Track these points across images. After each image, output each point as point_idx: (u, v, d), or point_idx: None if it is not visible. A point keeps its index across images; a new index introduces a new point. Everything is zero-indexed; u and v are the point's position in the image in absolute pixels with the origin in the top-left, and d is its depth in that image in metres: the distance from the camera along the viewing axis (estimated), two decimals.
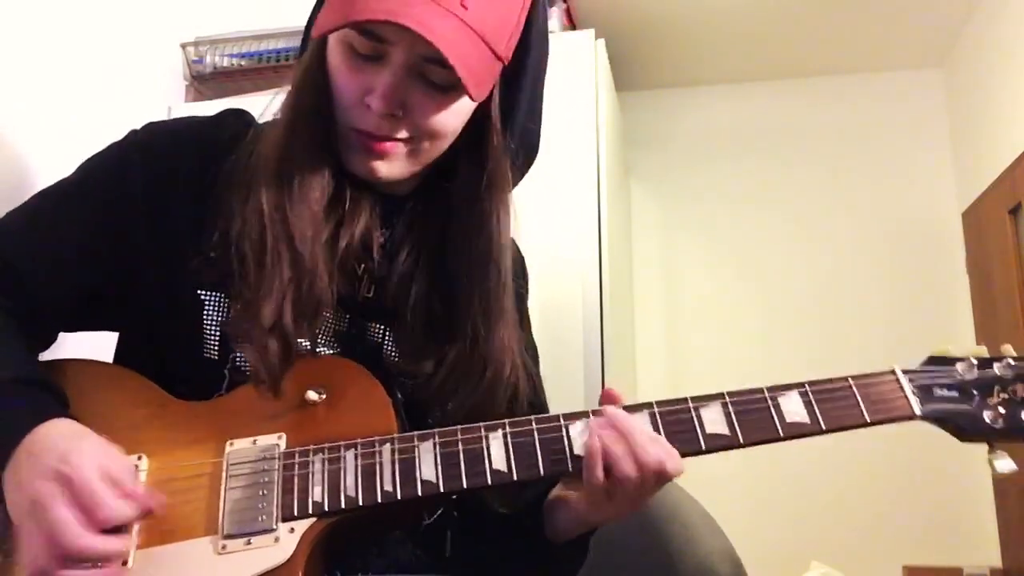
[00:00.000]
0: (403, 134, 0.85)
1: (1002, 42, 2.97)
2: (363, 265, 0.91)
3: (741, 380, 3.15)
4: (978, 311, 3.22)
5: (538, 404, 1.01)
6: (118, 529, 0.74)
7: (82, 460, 0.73)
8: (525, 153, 0.97)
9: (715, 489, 1.41)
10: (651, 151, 3.67)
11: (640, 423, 0.81)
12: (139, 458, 0.81)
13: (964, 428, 0.84)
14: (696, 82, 3.69)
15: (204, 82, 2.26)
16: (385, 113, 0.82)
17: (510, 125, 0.92)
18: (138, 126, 0.95)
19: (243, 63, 2.26)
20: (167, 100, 2.11)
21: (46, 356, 0.92)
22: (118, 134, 0.95)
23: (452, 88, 0.83)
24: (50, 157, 1.46)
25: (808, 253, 3.47)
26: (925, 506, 3.12)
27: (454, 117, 0.87)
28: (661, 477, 0.79)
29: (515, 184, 0.95)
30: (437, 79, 0.83)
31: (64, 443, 0.74)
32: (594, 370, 2.10)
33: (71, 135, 1.56)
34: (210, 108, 0.98)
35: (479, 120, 0.90)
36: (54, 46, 1.58)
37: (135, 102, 1.89)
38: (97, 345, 0.96)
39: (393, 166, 0.87)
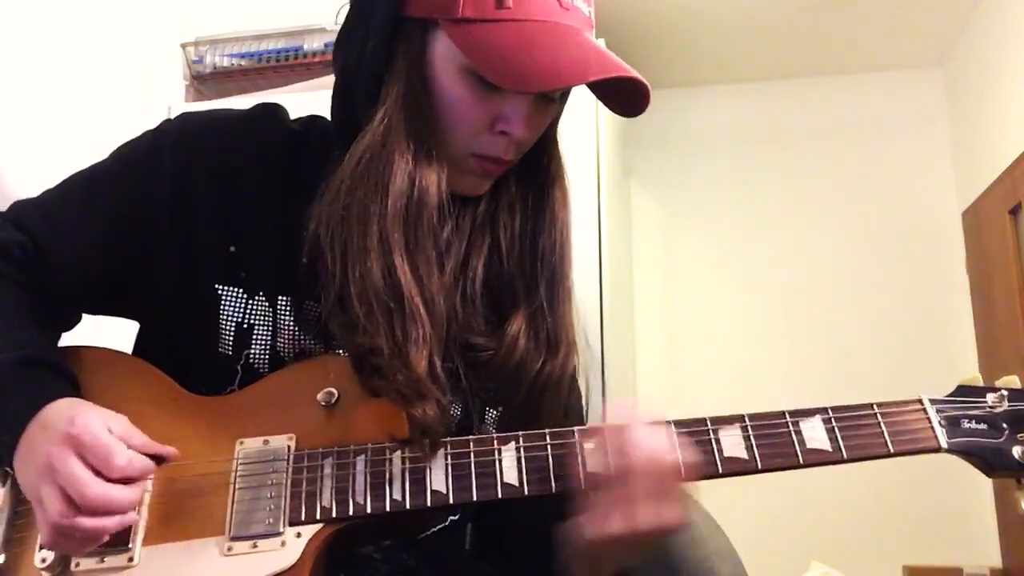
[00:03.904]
0: (519, 154, 0.87)
1: (1002, 42, 2.97)
2: None
3: (741, 380, 3.16)
4: (978, 311, 3.22)
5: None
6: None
7: (88, 419, 0.75)
8: None
9: (715, 489, 1.40)
10: (651, 151, 3.67)
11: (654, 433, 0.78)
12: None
13: (992, 463, 0.81)
14: (696, 82, 3.69)
15: (204, 82, 2.26)
16: (521, 139, 0.83)
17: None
18: (143, 122, 0.95)
19: (243, 63, 2.27)
20: (167, 100, 2.11)
21: (66, 338, 0.93)
22: (119, 133, 0.95)
23: (556, 100, 0.87)
24: (51, 156, 1.46)
25: (808, 253, 3.47)
26: (925, 506, 3.12)
27: (547, 124, 0.89)
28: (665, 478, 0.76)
29: None
30: (553, 95, 0.85)
31: (70, 411, 0.76)
32: (594, 370, 2.10)
33: (72, 134, 1.56)
34: (210, 108, 0.98)
35: None
36: (55, 46, 1.58)
37: (135, 102, 1.89)
38: (116, 334, 0.97)
39: (493, 180, 0.89)
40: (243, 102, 1.02)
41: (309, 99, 0.99)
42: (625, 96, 0.83)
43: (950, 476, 3.09)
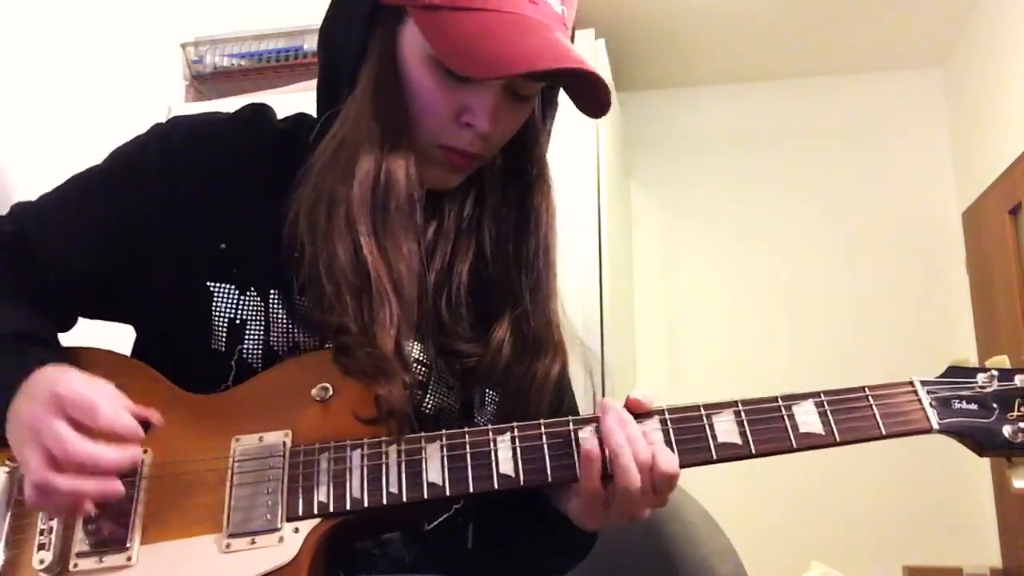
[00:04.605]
0: (486, 150, 0.87)
1: (1002, 42, 2.97)
2: None
3: (741, 380, 3.17)
4: (978, 311, 3.22)
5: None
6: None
7: (72, 378, 0.75)
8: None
9: (715, 489, 1.41)
10: (651, 151, 3.67)
11: (645, 426, 0.80)
12: (144, 451, 0.81)
13: (983, 443, 0.82)
14: (696, 82, 3.69)
15: (204, 82, 2.26)
16: (485, 131, 0.83)
17: (550, 109, 0.94)
18: (143, 122, 0.96)
19: (243, 63, 2.27)
20: (167, 100, 2.11)
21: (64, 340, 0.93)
22: (119, 134, 0.96)
23: (529, 98, 0.87)
24: (51, 156, 1.46)
25: (808, 252, 3.47)
26: (925, 506, 3.12)
27: (521, 123, 0.89)
28: (656, 477, 0.77)
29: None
30: (524, 92, 0.85)
31: (55, 374, 0.76)
32: (594, 369, 2.10)
33: (72, 134, 1.56)
34: (210, 108, 0.99)
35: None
36: (55, 46, 1.58)
37: (135, 102, 1.89)
38: (116, 336, 0.97)
39: (464, 175, 0.90)
40: (243, 102, 1.02)
41: (309, 99, 0.99)
42: (589, 94, 0.83)
43: (950, 476, 3.10)
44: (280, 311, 0.88)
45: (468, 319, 0.91)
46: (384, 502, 0.78)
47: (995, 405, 0.83)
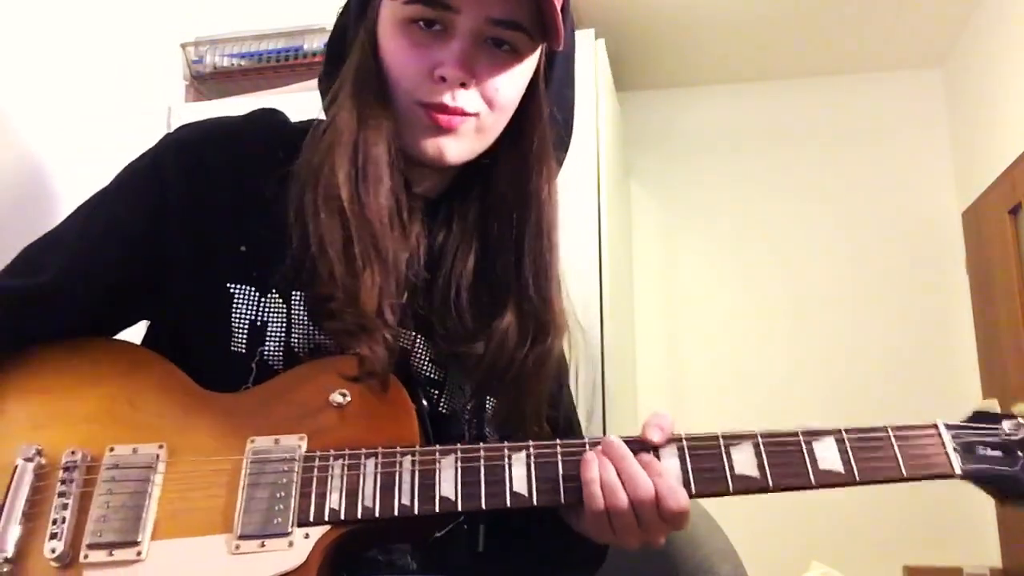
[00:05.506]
0: (472, 105, 0.85)
1: (1002, 42, 2.97)
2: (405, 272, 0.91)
3: (741, 380, 3.15)
4: (978, 311, 3.22)
5: (575, 421, 1.02)
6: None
7: None
8: (563, 124, 0.97)
9: None
10: (651, 151, 3.67)
11: (660, 454, 0.80)
12: (160, 447, 0.81)
13: (1005, 491, 0.81)
14: (696, 82, 3.69)
15: (204, 82, 2.26)
16: (459, 80, 0.83)
17: (551, 95, 0.93)
18: (143, 122, 0.96)
19: (243, 63, 2.26)
20: (167, 100, 2.11)
21: None
22: (119, 134, 0.95)
23: (515, 52, 0.86)
24: (51, 157, 1.46)
25: (807, 253, 3.47)
26: (925, 506, 3.11)
27: (515, 85, 0.88)
28: (662, 512, 0.77)
29: (560, 162, 0.96)
30: (503, 43, 0.85)
31: None
32: (593, 365, 2.10)
33: (72, 135, 1.56)
34: (210, 108, 0.99)
35: (526, 92, 0.91)
36: (54, 46, 1.58)
37: (135, 102, 1.89)
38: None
39: (461, 144, 0.88)
40: (243, 102, 1.02)
41: (309, 99, 0.99)
42: (545, 16, 0.84)
43: None
44: (302, 313, 0.88)
45: (475, 318, 0.91)
46: (395, 513, 0.77)
47: (1021, 453, 0.81)
